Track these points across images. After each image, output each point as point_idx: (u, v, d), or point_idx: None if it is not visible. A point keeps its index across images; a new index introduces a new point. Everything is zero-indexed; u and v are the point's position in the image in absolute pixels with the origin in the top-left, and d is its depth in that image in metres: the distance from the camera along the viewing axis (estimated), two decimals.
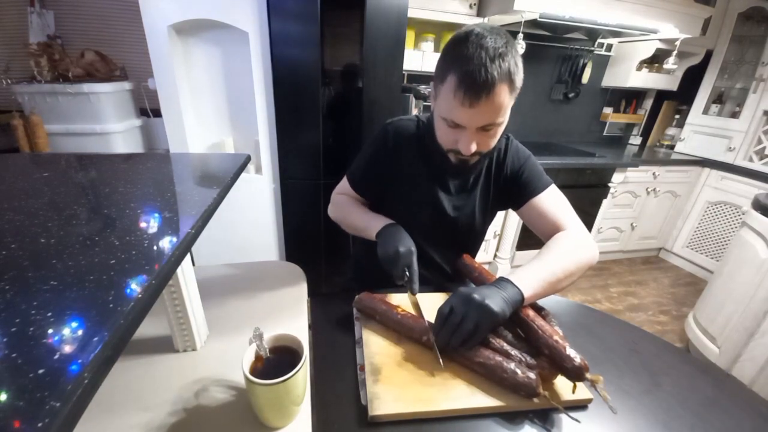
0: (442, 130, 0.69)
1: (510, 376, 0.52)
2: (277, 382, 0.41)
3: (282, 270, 0.84)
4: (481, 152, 0.68)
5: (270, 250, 1.84)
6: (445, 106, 0.64)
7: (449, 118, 0.64)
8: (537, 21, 1.87)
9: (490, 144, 0.68)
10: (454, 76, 0.60)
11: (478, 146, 0.65)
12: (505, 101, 0.61)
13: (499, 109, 0.61)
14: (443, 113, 0.65)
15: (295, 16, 1.36)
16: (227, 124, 1.72)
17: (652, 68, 2.46)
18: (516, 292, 0.59)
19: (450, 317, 0.57)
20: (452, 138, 0.67)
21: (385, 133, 0.82)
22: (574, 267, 0.67)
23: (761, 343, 1.38)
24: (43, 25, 1.69)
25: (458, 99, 0.60)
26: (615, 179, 2.23)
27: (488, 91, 0.58)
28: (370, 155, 0.83)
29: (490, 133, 0.65)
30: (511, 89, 0.61)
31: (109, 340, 0.24)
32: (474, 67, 0.57)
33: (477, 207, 0.84)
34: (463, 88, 0.59)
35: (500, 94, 0.59)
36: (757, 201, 1.51)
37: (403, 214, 0.82)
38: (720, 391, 0.61)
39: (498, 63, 0.57)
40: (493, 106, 0.60)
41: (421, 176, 0.81)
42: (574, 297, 2.21)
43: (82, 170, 0.68)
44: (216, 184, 0.54)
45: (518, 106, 2.76)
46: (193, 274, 0.57)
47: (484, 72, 0.57)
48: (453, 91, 0.60)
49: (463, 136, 0.65)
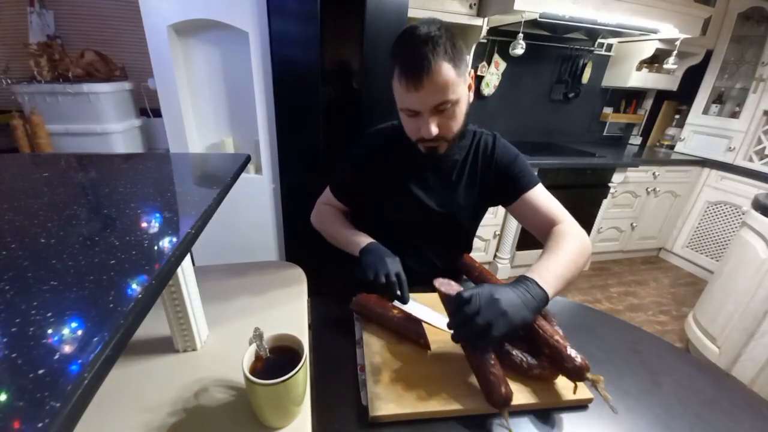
0: (405, 121, 0.73)
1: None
2: (277, 382, 0.41)
3: (282, 270, 0.84)
4: (446, 137, 0.70)
5: (270, 250, 1.84)
6: (399, 96, 0.69)
7: (404, 107, 0.69)
8: (537, 21, 1.87)
9: (452, 126, 0.70)
10: (397, 67, 0.66)
11: (440, 129, 0.68)
12: (450, 79, 0.63)
13: (445, 87, 0.64)
14: (400, 104, 0.70)
15: (294, 16, 1.36)
16: (227, 124, 1.72)
17: (652, 68, 2.46)
18: (542, 295, 0.57)
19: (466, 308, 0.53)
20: (415, 126, 0.70)
21: (363, 142, 0.87)
22: (582, 261, 0.68)
23: (761, 343, 1.38)
24: (43, 25, 1.69)
25: (404, 86, 0.65)
26: (615, 179, 2.23)
27: (427, 71, 0.62)
28: (350, 164, 0.88)
29: (447, 114, 0.68)
30: (454, 67, 0.64)
31: (109, 340, 0.24)
32: (409, 54, 0.63)
33: (463, 202, 0.85)
34: (405, 74, 0.64)
35: (440, 72, 0.62)
36: (757, 201, 1.51)
37: (389, 215, 0.85)
38: (720, 391, 0.61)
39: (431, 45, 0.62)
40: (436, 86, 0.63)
41: (400, 176, 0.83)
42: (574, 297, 2.21)
43: (82, 170, 0.68)
44: (216, 184, 0.54)
45: (518, 106, 2.76)
46: (193, 274, 0.57)
47: (418, 56, 0.62)
48: (398, 80, 0.66)
49: (422, 121, 0.68)
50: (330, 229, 0.88)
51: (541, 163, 2.00)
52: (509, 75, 2.36)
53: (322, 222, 0.91)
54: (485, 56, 2.26)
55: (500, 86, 2.36)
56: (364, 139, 0.88)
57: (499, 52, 2.25)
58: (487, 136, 0.85)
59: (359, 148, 0.87)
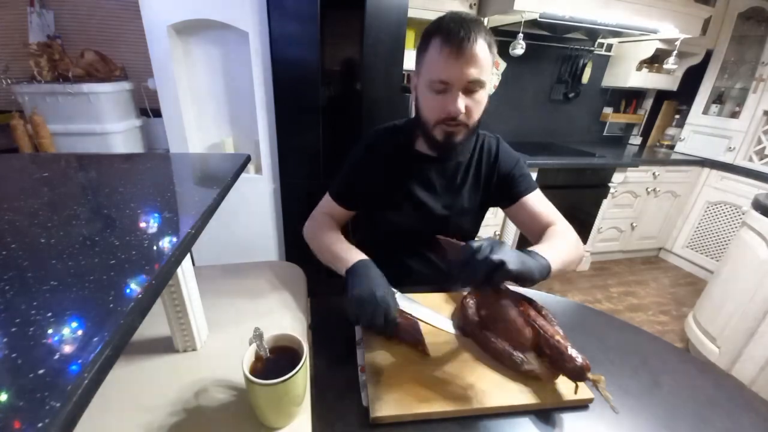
0: (429, 99, 0.70)
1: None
2: (277, 382, 0.41)
3: (282, 270, 0.84)
4: (468, 122, 0.70)
5: (270, 250, 1.84)
6: (433, 68, 0.67)
7: (437, 78, 0.67)
8: (537, 21, 1.87)
9: (475, 111, 0.70)
10: (437, 38, 0.65)
11: (466, 110, 0.68)
12: (486, 58, 0.66)
13: (483, 64, 0.65)
14: (432, 76, 0.68)
15: (294, 16, 1.36)
16: (227, 124, 1.72)
17: (652, 68, 2.46)
18: (545, 262, 0.59)
19: (479, 250, 0.53)
20: (441, 104, 0.69)
21: (363, 144, 0.85)
22: (576, 255, 0.71)
23: (761, 343, 1.38)
24: (43, 25, 1.69)
25: (444, 54, 0.64)
26: (615, 179, 2.23)
27: (471, 42, 0.63)
28: (351, 165, 0.85)
29: (475, 97, 0.68)
30: (490, 50, 0.66)
31: (109, 340, 0.24)
32: (454, 26, 0.64)
33: (468, 204, 0.85)
34: (449, 42, 0.64)
35: (481, 47, 0.64)
36: (757, 201, 1.51)
37: (392, 218, 0.84)
38: (720, 391, 0.61)
39: (475, 24, 0.64)
40: (476, 59, 0.64)
41: (403, 178, 0.83)
42: (574, 297, 2.21)
43: (82, 170, 0.68)
44: (216, 184, 0.54)
45: (518, 106, 2.76)
46: (193, 274, 0.57)
47: (464, 29, 0.63)
48: (439, 49, 0.65)
49: (451, 96, 0.67)
50: (319, 242, 0.79)
51: (541, 163, 2.00)
52: (509, 75, 2.36)
53: (314, 233, 0.82)
54: None
55: (500, 86, 2.36)
56: (365, 140, 0.85)
57: (499, 52, 2.25)
58: (491, 139, 0.86)
59: (359, 149, 0.85)
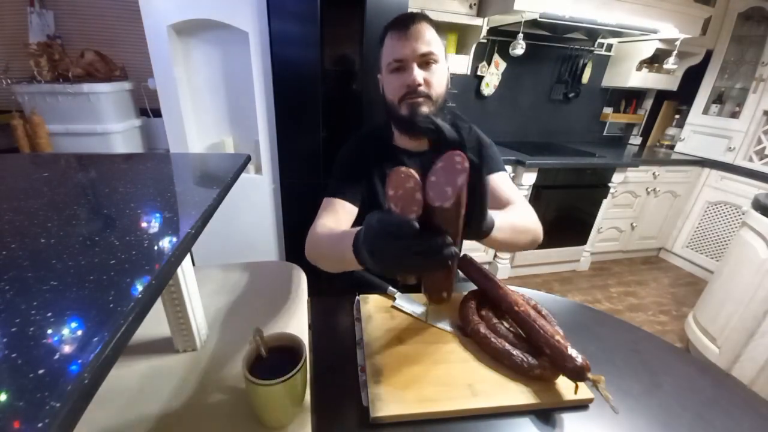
0: (391, 81, 0.77)
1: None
2: (277, 382, 0.41)
3: (282, 270, 0.84)
4: (429, 93, 0.74)
5: (270, 250, 1.84)
6: (388, 52, 0.75)
7: (392, 58, 0.74)
8: (537, 21, 1.87)
9: (435, 82, 0.75)
10: (388, 31, 0.76)
11: (425, 82, 0.74)
12: (432, 35, 0.74)
13: (429, 39, 0.73)
14: (388, 58, 0.75)
15: (294, 16, 1.36)
16: (227, 124, 1.72)
17: (652, 68, 2.46)
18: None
19: None
20: (400, 81, 0.75)
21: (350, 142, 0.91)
22: (532, 232, 0.71)
23: (761, 343, 1.38)
24: (43, 25, 1.69)
25: (395, 38, 0.74)
26: (615, 179, 2.23)
27: (415, 23, 0.73)
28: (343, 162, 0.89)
29: (432, 69, 0.74)
30: (437, 33, 0.75)
31: (109, 340, 0.24)
32: (400, 17, 0.75)
33: None
34: (396, 28, 0.74)
35: (426, 27, 0.73)
36: (757, 201, 1.51)
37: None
38: (720, 391, 0.61)
39: (417, 14, 0.76)
40: (422, 35, 0.72)
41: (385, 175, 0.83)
42: (574, 297, 2.21)
43: (82, 170, 0.68)
44: (216, 184, 0.54)
45: (518, 106, 2.76)
46: (193, 274, 0.57)
47: (407, 17, 0.74)
48: (390, 36, 0.75)
49: (407, 71, 0.74)
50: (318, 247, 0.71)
51: (541, 163, 2.00)
52: (509, 75, 2.36)
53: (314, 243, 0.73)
54: (485, 56, 2.26)
55: (500, 86, 2.36)
56: (351, 141, 0.91)
57: (499, 52, 2.25)
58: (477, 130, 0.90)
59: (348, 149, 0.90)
